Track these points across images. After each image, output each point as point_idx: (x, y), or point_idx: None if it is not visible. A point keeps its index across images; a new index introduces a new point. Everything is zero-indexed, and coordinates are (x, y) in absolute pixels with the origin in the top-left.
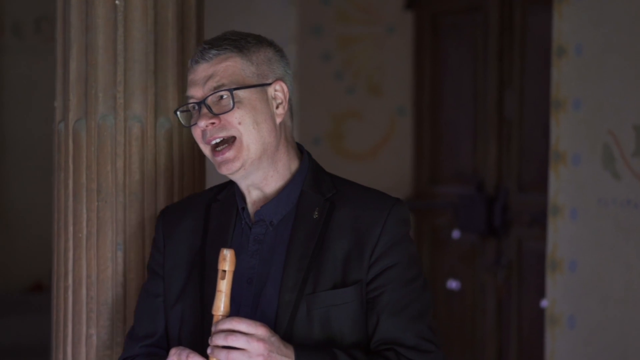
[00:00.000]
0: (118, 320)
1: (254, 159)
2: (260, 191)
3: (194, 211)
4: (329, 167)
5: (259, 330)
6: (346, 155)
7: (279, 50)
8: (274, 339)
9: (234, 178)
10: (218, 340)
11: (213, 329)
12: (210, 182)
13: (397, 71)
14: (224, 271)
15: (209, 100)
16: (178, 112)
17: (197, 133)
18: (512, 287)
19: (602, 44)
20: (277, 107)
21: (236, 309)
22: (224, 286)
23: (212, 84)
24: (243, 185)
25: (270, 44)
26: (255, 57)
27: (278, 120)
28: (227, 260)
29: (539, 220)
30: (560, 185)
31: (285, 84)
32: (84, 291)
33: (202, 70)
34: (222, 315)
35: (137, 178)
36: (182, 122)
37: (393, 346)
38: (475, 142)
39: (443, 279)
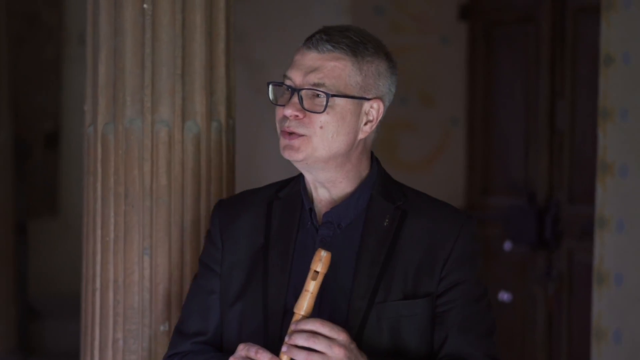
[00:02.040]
0: (144, 325)
1: (319, 160)
2: (328, 192)
3: (253, 208)
4: None
5: (341, 335)
6: (400, 165)
7: (392, 66)
8: (353, 347)
9: (297, 166)
10: (299, 339)
11: (293, 327)
12: (240, 188)
13: (450, 82)
14: (317, 272)
15: (304, 92)
16: (270, 85)
17: (279, 113)
18: (562, 300)
19: None
20: (365, 124)
21: None
22: (312, 286)
23: (313, 78)
24: (309, 178)
25: (387, 55)
26: (366, 67)
27: (361, 136)
28: (322, 262)
29: (589, 232)
30: (607, 197)
31: (384, 103)
32: (110, 295)
33: (310, 59)
34: (304, 315)
35: (164, 182)
36: (270, 95)
37: None
38: (527, 153)
39: (494, 290)
